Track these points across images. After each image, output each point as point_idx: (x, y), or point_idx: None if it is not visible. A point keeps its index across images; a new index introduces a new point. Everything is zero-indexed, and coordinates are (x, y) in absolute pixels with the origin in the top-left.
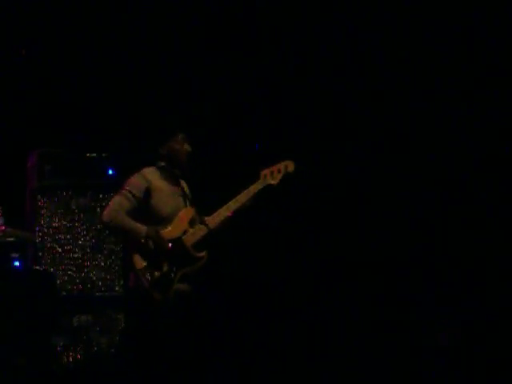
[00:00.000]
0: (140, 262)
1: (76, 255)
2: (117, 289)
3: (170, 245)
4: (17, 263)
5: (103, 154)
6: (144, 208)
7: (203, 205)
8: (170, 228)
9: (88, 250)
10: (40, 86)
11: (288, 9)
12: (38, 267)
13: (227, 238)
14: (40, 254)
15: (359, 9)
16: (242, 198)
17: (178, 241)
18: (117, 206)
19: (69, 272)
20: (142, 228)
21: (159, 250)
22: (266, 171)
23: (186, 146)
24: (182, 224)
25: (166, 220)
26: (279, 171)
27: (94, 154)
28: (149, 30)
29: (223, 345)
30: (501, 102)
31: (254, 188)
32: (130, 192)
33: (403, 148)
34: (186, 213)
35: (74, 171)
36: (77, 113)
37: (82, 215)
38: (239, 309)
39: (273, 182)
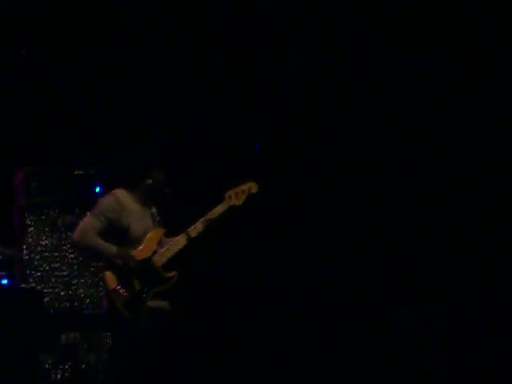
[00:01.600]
0: (112, 282)
1: (63, 273)
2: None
3: (141, 265)
4: (4, 281)
5: (90, 172)
6: (115, 229)
7: (170, 226)
8: (139, 249)
9: (75, 268)
10: (26, 103)
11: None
12: (25, 285)
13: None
14: (27, 271)
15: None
16: (208, 218)
17: (148, 261)
18: (87, 226)
19: (56, 289)
20: (112, 248)
21: (130, 270)
22: (231, 192)
23: (164, 176)
24: (151, 245)
25: (136, 241)
26: (243, 192)
27: (81, 172)
28: (134, 50)
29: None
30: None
31: (218, 209)
32: (101, 213)
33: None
34: (155, 234)
35: (61, 189)
36: (63, 130)
37: (69, 233)
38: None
39: (237, 203)
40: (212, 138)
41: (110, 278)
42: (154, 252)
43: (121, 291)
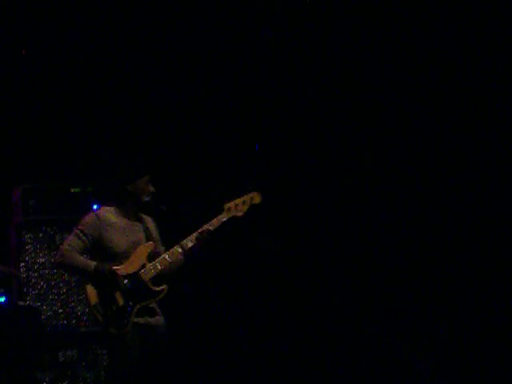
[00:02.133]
0: (93, 299)
1: (61, 290)
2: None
3: (126, 280)
4: (1, 299)
5: (87, 189)
6: (98, 245)
7: (165, 238)
8: (126, 263)
9: (73, 285)
10: (24, 120)
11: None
12: (22, 303)
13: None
14: (25, 289)
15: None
16: (205, 230)
17: (134, 276)
18: (68, 245)
19: (54, 307)
20: (90, 265)
21: (111, 285)
22: (230, 204)
23: (151, 187)
24: (139, 259)
25: (120, 256)
26: (244, 203)
27: (78, 189)
28: (130, 61)
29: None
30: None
31: (216, 221)
32: (82, 231)
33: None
34: (144, 248)
35: (58, 206)
36: (61, 147)
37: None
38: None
39: (238, 214)
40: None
41: (90, 293)
42: (143, 266)
43: (102, 307)
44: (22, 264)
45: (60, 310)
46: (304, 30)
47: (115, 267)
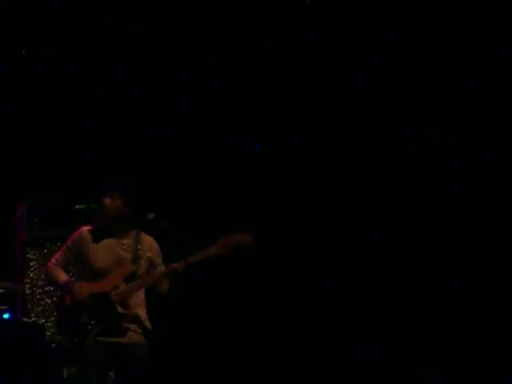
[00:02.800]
0: (59, 310)
1: None
2: None
3: (93, 298)
4: (6, 315)
5: (92, 206)
6: (79, 262)
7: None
8: (101, 281)
9: None
10: (28, 136)
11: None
12: (26, 319)
13: None
14: (29, 306)
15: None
16: (193, 258)
17: (102, 295)
18: (55, 260)
19: None
20: (63, 280)
21: (76, 302)
22: (224, 240)
23: (118, 202)
24: (115, 279)
25: (99, 273)
26: (235, 242)
27: (84, 206)
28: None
29: None
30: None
31: (204, 253)
32: (68, 247)
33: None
34: (123, 269)
35: (62, 223)
36: (65, 164)
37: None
38: None
39: (225, 252)
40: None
41: (59, 305)
42: (116, 287)
43: (64, 321)
44: (27, 280)
45: None
46: (304, 31)
47: (86, 284)
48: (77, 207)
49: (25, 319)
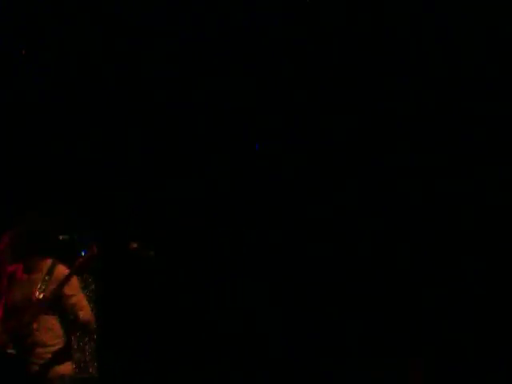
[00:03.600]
0: None
1: None
2: (91, 370)
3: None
4: None
5: (75, 236)
6: None
7: None
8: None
9: None
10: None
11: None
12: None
13: None
14: None
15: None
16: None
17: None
18: None
19: None
20: None
21: None
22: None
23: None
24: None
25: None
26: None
27: (67, 236)
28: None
29: None
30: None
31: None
32: None
33: None
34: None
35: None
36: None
37: None
38: None
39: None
40: None
41: None
42: None
43: None
44: None
45: None
46: (303, 30)
47: None
48: (61, 238)
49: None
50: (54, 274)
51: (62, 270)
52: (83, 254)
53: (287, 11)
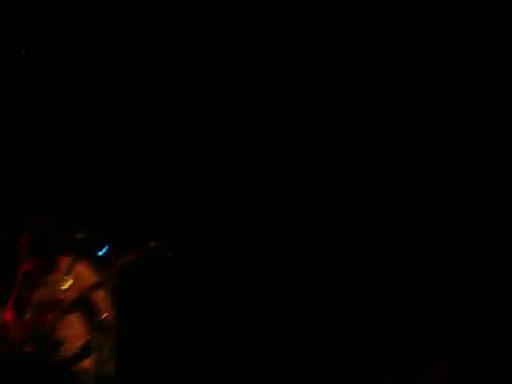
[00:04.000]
0: None
1: None
2: (109, 368)
3: None
4: None
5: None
6: None
7: None
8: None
9: None
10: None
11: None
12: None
13: None
14: None
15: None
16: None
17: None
18: None
19: None
20: None
21: None
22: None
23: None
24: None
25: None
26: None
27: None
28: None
29: None
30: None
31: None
32: None
33: None
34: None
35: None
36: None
37: None
38: None
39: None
40: None
41: None
42: None
43: None
44: None
45: None
46: (303, 30)
47: None
48: (78, 236)
49: None
50: (74, 272)
51: (81, 267)
52: (103, 252)
53: (287, 11)
